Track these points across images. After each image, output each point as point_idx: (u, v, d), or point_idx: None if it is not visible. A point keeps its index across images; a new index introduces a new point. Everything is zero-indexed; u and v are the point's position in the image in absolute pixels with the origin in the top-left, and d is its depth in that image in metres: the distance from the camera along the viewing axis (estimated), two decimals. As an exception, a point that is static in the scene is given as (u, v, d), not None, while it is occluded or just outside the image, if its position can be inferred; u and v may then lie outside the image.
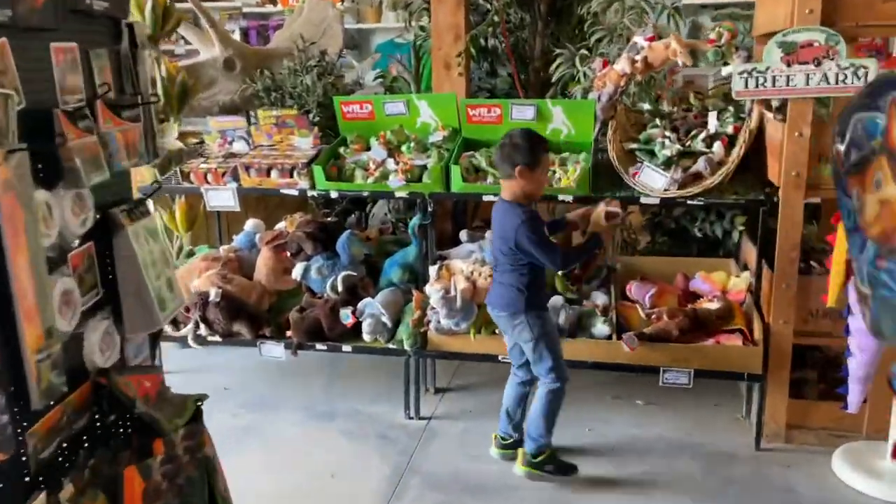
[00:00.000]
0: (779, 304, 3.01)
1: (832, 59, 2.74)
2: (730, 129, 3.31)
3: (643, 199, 3.24)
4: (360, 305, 3.45)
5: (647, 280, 3.52)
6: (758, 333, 3.07)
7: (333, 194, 3.58)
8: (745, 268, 3.65)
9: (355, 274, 3.57)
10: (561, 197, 3.31)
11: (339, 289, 3.50)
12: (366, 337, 3.37)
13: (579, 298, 3.47)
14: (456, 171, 3.38)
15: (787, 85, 2.82)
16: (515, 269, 2.79)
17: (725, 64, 3.25)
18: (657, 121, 3.52)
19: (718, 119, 3.37)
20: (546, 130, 3.57)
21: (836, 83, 2.77)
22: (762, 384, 3.05)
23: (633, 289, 3.42)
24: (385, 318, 3.38)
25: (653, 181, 3.22)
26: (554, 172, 3.39)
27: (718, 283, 3.44)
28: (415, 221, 3.51)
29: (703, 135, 3.33)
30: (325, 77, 4.30)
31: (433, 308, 3.29)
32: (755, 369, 3.04)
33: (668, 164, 3.28)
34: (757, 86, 2.87)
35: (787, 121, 2.86)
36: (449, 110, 3.69)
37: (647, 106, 3.63)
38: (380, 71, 4.73)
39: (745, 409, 3.39)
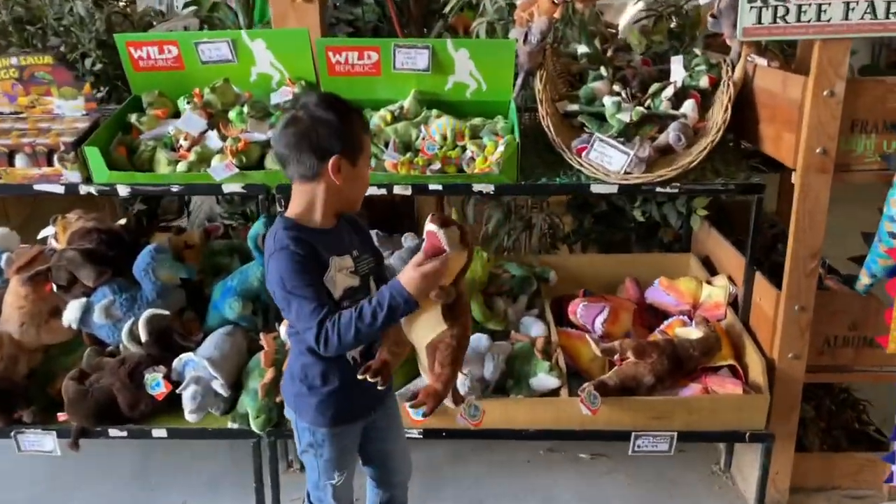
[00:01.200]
0: (789, 332, 2.17)
1: (886, -20, 1.85)
2: (703, 82, 2.39)
3: (595, 187, 2.25)
4: (176, 364, 2.26)
5: (593, 296, 2.57)
6: (757, 372, 2.23)
7: (122, 191, 2.30)
8: (705, 265, 2.82)
9: (167, 313, 2.35)
10: (476, 187, 2.25)
11: (143, 338, 2.29)
12: (189, 415, 2.19)
13: (506, 329, 2.47)
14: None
15: (819, 19, 1.90)
16: (293, 334, 1.71)
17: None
18: (601, 70, 2.52)
19: (686, 67, 2.44)
20: (445, 85, 2.49)
21: (888, 16, 1.88)
22: (769, 445, 2.22)
23: (578, 311, 2.46)
24: (218, 383, 2.21)
25: (609, 160, 2.24)
26: (463, 149, 2.32)
27: (687, 295, 2.57)
28: (257, 230, 2.33)
29: (668, 91, 2.38)
30: (106, 3, 2.93)
31: (294, 369, 2.16)
32: (759, 425, 2.20)
33: (625, 133, 2.32)
34: (775, 20, 1.93)
35: (814, 74, 1.95)
36: (299, 55, 2.49)
37: (582, 48, 2.61)
38: (194, -5, 3.37)
39: (723, 460, 2.58)
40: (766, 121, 2.24)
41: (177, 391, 2.19)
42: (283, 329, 2.29)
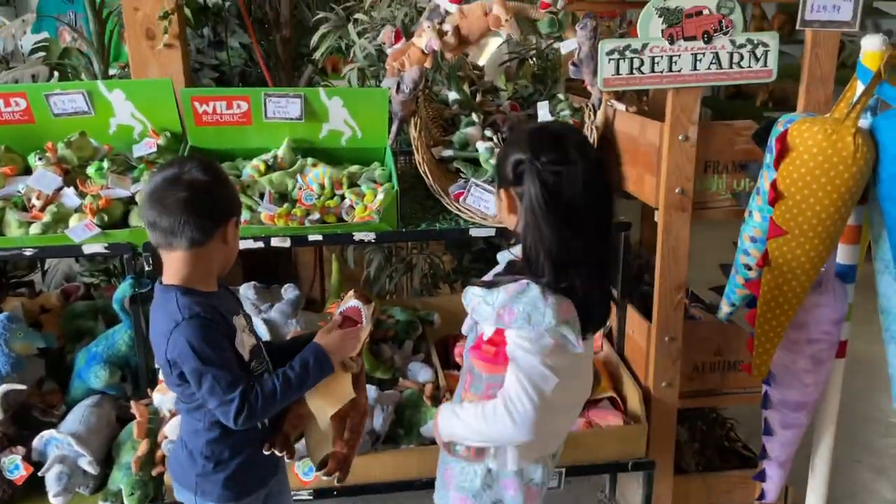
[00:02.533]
0: (661, 362, 2.30)
1: (726, 34, 2.02)
2: (569, 126, 2.50)
3: (474, 231, 2.30)
4: (36, 443, 2.08)
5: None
6: (635, 402, 2.34)
7: (-34, 257, 2.11)
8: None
9: (23, 387, 2.16)
10: (357, 236, 2.24)
11: (-3, 418, 2.09)
12: (54, 499, 2.02)
13: (394, 377, 2.46)
14: (187, 208, 2.13)
15: (671, 70, 2.05)
16: (190, 410, 1.59)
17: (559, 39, 2.44)
18: (473, 115, 2.60)
19: (552, 112, 2.55)
20: (319, 133, 2.47)
21: (731, 66, 2.06)
22: (650, 472, 2.33)
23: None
24: (86, 461, 2.06)
25: (486, 204, 2.30)
26: (342, 198, 2.31)
27: (566, 330, 2.65)
28: (123, 291, 2.20)
29: (538, 135, 2.47)
30: (-60, 49, 2.71)
31: (172, 438, 2.04)
32: (640, 453, 2.31)
33: (499, 178, 2.39)
34: (632, 71, 2.06)
35: (669, 120, 2.10)
36: (163, 105, 2.40)
37: (453, 94, 2.68)
38: (42, 39, 3.17)
39: (608, 488, 2.68)
40: (627, 163, 2.38)
41: (38, 473, 2.02)
42: (157, 396, 2.17)
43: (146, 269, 2.20)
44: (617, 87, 2.10)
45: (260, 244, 2.21)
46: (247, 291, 2.51)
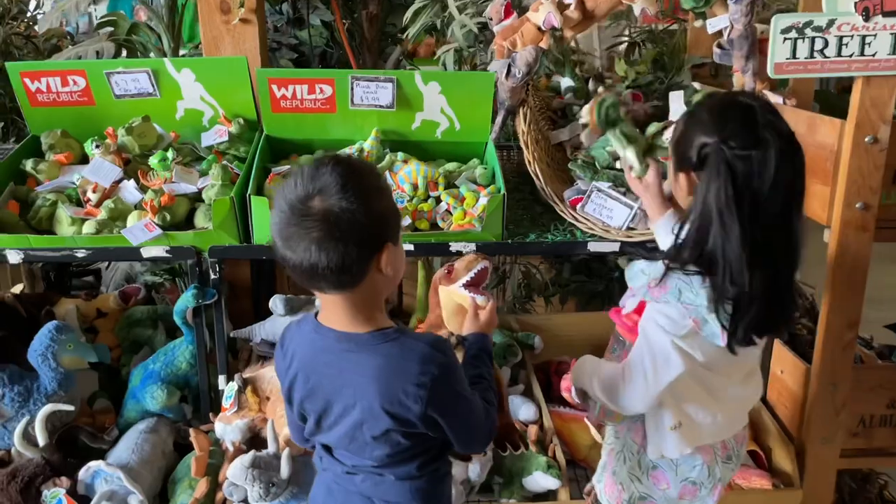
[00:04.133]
0: (821, 413, 1.89)
1: (937, 9, 1.60)
2: (709, 121, 2.10)
3: (593, 245, 1.94)
4: (83, 475, 1.83)
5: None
6: (784, 459, 1.94)
7: (13, 257, 1.87)
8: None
9: (71, 408, 1.92)
10: (455, 246, 1.91)
11: (41, 441, 1.85)
12: (99, 541, 1.76)
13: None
14: (261, 206, 1.84)
15: (863, 53, 1.63)
16: (403, 464, 1.30)
17: (702, 16, 2.04)
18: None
19: (686, 104, 2.15)
20: (412, 124, 2.15)
21: (940, 52, 1.63)
22: (801, 548, 1.93)
23: (573, 388, 2.12)
24: (136, 499, 1.79)
25: (609, 214, 1.93)
26: (437, 201, 1.98)
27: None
28: (186, 302, 1.93)
29: (668, 133, 2.09)
30: (2, 24, 2.50)
31: (234, 482, 1.75)
32: (790, 523, 1.91)
33: (623, 183, 2.01)
34: (812, 54, 1.65)
35: (854, 117, 1.69)
36: (237, 88, 2.12)
37: (566, 81, 2.31)
38: (108, 15, 2.94)
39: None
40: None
41: (84, 508, 1.77)
42: (219, 425, 1.89)
43: (213, 276, 1.93)
44: (792, 74, 1.70)
45: (342, 253, 1.90)
46: (275, 303, 2.18)
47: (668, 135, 2.09)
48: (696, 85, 2.25)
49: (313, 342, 1.26)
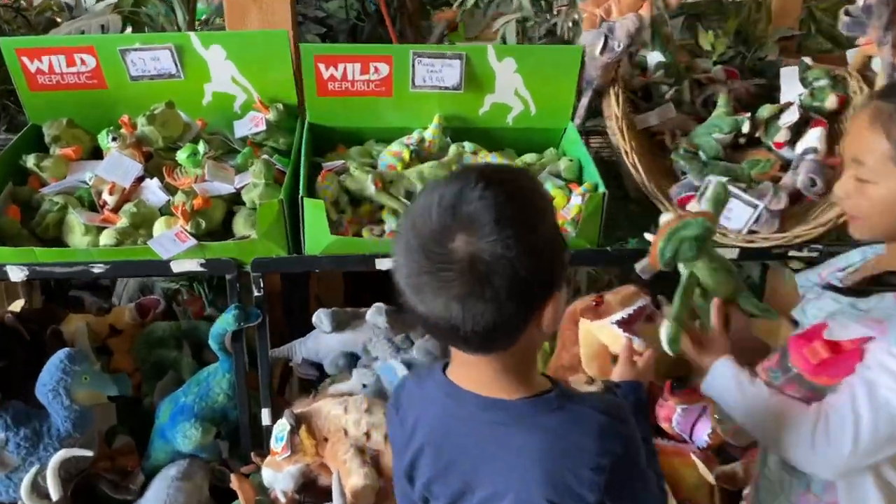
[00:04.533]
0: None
1: None
2: (829, 103, 1.81)
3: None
4: (107, 535, 1.53)
5: (684, 389, 1.95)
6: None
7: (14, 274, 1.55)
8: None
9: (89, 453, 1.61)
10: (544, 255, 1.61)
11: (54, 494, 1.55)
12: None
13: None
14: (315, 211, 1.53)
15: None
16: None
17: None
18: (684, 87, 1.93)
19: (805, 83, 1.86)
20: (479, 108, 1.84)
21: None
22: None
23: (674, 420, 1.84)
24: (174, 563, 1.49)
25: (727, 215, 1.63)
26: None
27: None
28: (225, 325, 1.62)
29: (789, 116, 1.79)
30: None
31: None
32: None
33: (740, 177, 1.72)
34: None
35: None
36: (275, 67, 1.80)
37: (656, 56, 2.00)
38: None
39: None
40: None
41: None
42: (267, 472, 1.60)
43: (256, 293, 1.62)
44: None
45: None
46: (375, 318, 1.90)
47: (785, 118, 1.80)
48: (808, 60, 1.94)
49: (445, 408, 0.97)
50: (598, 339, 1.48)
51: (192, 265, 1.57)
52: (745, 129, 1.78)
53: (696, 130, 1.83)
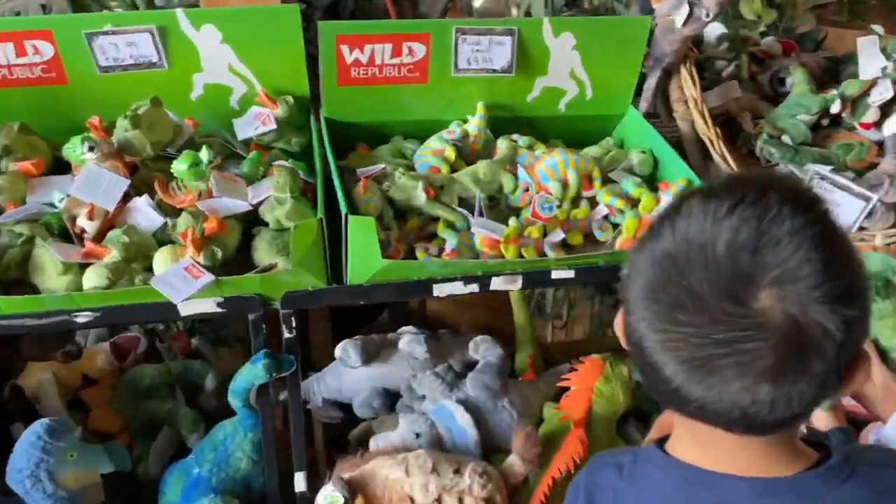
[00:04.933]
0: None
1: None
2: (918, 75, 1.61)
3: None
4: None
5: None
6: None
7: (-31, 333, 1.19)
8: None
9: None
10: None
11: None
12: None
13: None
14: (364, 231, 1.22)
15: None
16: None
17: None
18: (743, 61, 1.70)
19: (886, 55, 1.65)
20: (528, 94, 1.57)
21: None
22: None
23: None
24: None
25: (836, 212, 1.40)
26: (592, 204, 1.42)
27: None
28: (253, 377, 1.30)
29: (879, 93, 1.59)
30: None
31: None
32: None
33: (837, 165, 1.50)
34: None
35: None
36: (282, 52, 1.47)
37: (717, 28, 1.76)
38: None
39: None
40: None
41: None
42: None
43: (287, 334, 1.31)
44: None
45: (474, 287, 1.32)
46: (413, 347, 1.62)
47: (876, 95, 1.59)
48: (878, 28, 1.74)
49: (685, 496, 0.72)
50: None
51: (207, 305, 1.24)
52: (836, 108, 1.57)
53: (776, 112, 1.61)
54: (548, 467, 1.39)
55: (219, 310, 1.25)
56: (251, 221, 1.36)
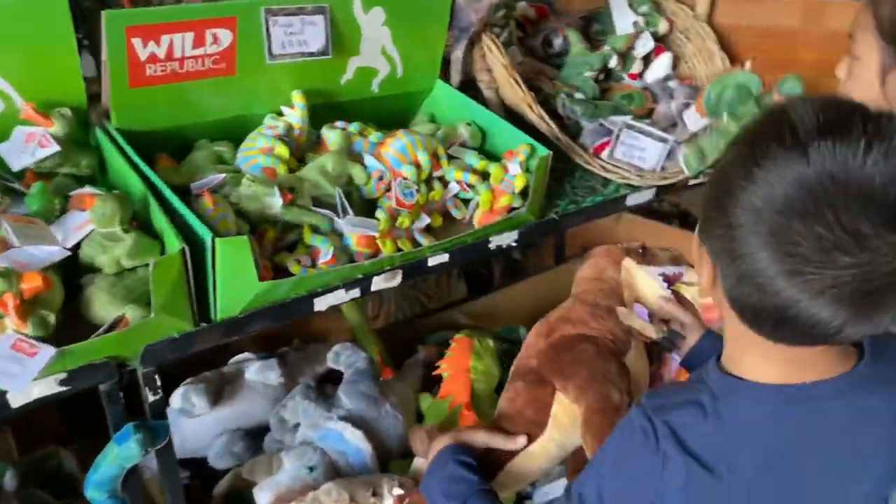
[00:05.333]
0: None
1: None
2: (662, 27, 1.84)
3: (631, 199, 1.56)
4: None
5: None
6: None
7: None
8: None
9: None
10: (496, 241, 1.36)
11: None
12: None
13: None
14: (238, 255, 1.04)
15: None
16: None
17: None
18: (512, 27, 1.78)
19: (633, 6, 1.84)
20: (342, 76, 1.47)
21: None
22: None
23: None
24: None
25: (641, 155, 1.56)
26: (444, 183, 1.39)
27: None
28: (123, 460, 1.05)
29: (643, 46, 1.77)
30: None
31: None
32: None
33: (629, 114, 1.65)
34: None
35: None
36: (50, 52, 1.17)
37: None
38: None
39: None
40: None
41: None
42: None
43: (152, 396, 1.07)
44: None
45: (356, 293, 1.21)
46: (264, 374, 1.44)
47: (640, 48, 1.77)
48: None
49: (783, 419, 0.75)
50: (634, 284, 1.30)
51: (47, 387, 0.96)
52: (613, 63, 1.71)
53: (565, 72, 1.70)
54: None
55: (63, 388, 0.98)
56: (66, 271, 1.07)
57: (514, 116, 1.56)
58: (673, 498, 0.78)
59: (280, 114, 1.40)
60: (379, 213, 1.26)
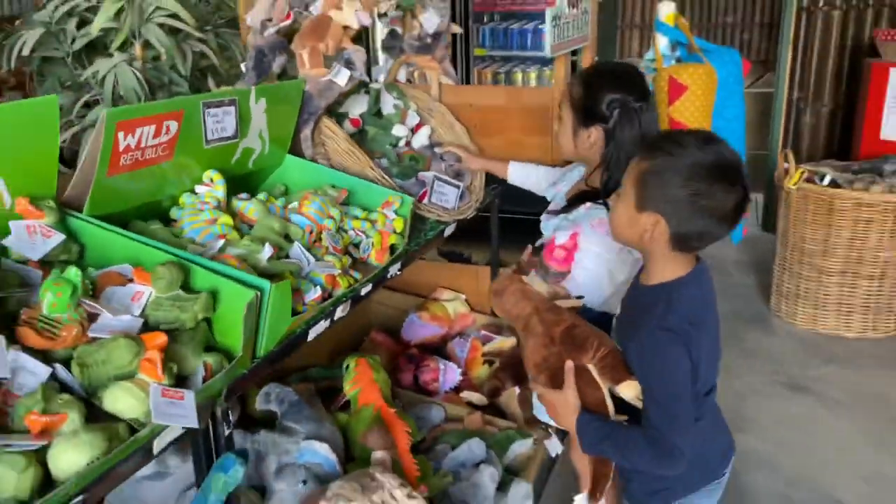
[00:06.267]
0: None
1: None
2: (412, 107, 2.42)
3: (448, 230, 2.11)
4: None
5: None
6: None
7: None
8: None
9: None
10: (393, 272, 1.79)
11: None
12: None
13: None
14: (283, 294, 1.32)
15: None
16: None
17: None
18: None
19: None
20: (232, 156, 1.76)
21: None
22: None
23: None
24: None
25: (445, 198, 2.13)
26: (343, 231, 1.77)
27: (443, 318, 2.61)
28: (225, 487, 1.21)
29: (409, 119, 2.32)
30: None
31: None
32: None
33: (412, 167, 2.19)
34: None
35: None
36: (38, 149, 1.28)
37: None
38: None
39: None
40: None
41: None
42: None
43: (225, 429, 1.25)
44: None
45: (326, 324, 1.52)
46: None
47: (409, 120, 2.32)
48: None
49: (705, 285, 1.39)
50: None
51: (175, 432, 1.12)
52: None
53: (369, 146, 2.16)
54: (397, 446, 1.70)
55: (189, 427, 1.14)
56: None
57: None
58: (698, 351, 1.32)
59: (194, 191, 1.60)
60: (329, 257, 1.58)
